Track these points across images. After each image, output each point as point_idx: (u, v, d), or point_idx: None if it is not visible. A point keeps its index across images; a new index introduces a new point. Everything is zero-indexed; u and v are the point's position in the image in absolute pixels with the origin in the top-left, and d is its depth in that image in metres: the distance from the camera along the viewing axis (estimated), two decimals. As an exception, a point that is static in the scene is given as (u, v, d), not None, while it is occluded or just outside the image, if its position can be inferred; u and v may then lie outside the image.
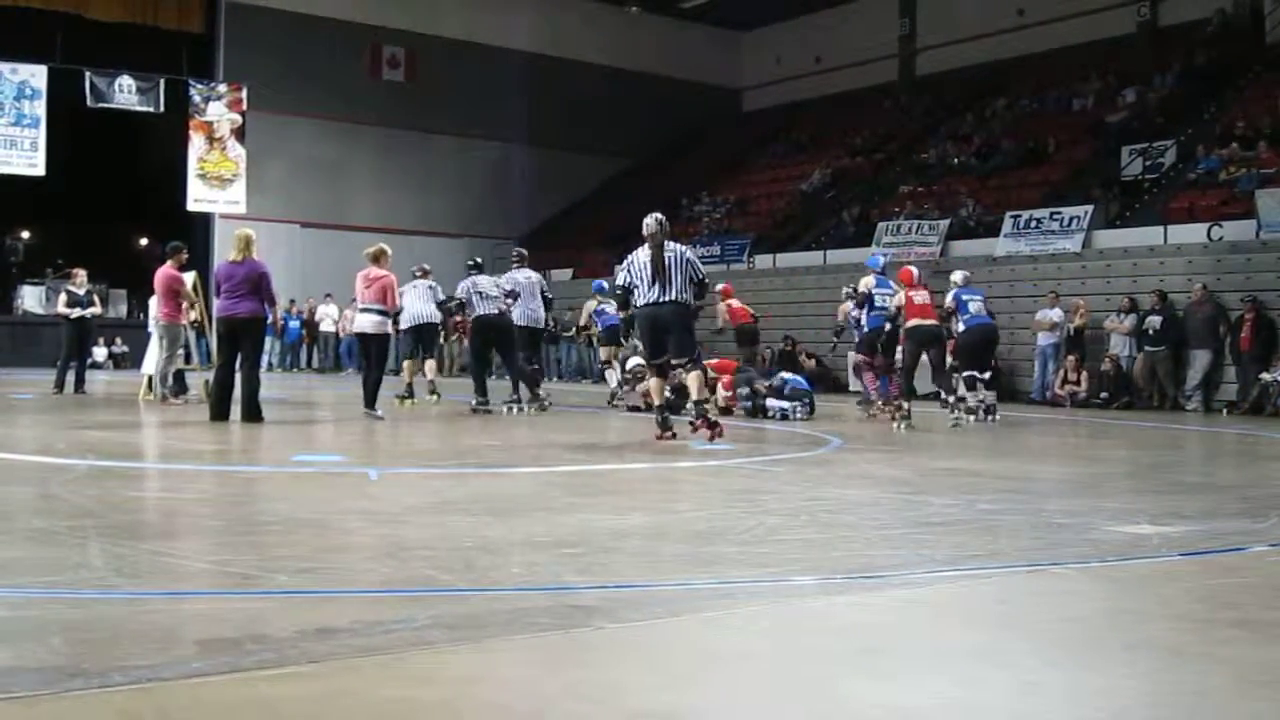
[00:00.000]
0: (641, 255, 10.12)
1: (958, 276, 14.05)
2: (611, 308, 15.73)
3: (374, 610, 3.54)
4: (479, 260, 14.97)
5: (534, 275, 14.93)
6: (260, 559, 4.31)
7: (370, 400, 12.23)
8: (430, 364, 16.19)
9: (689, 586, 4.02)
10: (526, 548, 4.62)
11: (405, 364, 15.78)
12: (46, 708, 2.57)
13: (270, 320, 11.55)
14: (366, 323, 12.71)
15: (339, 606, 3.59)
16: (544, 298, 14.76)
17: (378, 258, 13.00)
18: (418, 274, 15.41)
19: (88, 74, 27.96)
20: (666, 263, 9.95)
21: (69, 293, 16.57)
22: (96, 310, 16.98)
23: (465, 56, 32.76)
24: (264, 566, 4.16)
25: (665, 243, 10.06)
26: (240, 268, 11.10)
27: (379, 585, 3.90)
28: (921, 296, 12.89)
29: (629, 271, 10.27)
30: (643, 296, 10.10)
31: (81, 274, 17.09)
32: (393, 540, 4.77)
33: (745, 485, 7.18)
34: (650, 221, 10.11)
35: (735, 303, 16.63)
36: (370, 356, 12.79)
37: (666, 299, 9.96)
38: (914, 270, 13.49)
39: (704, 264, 11.48)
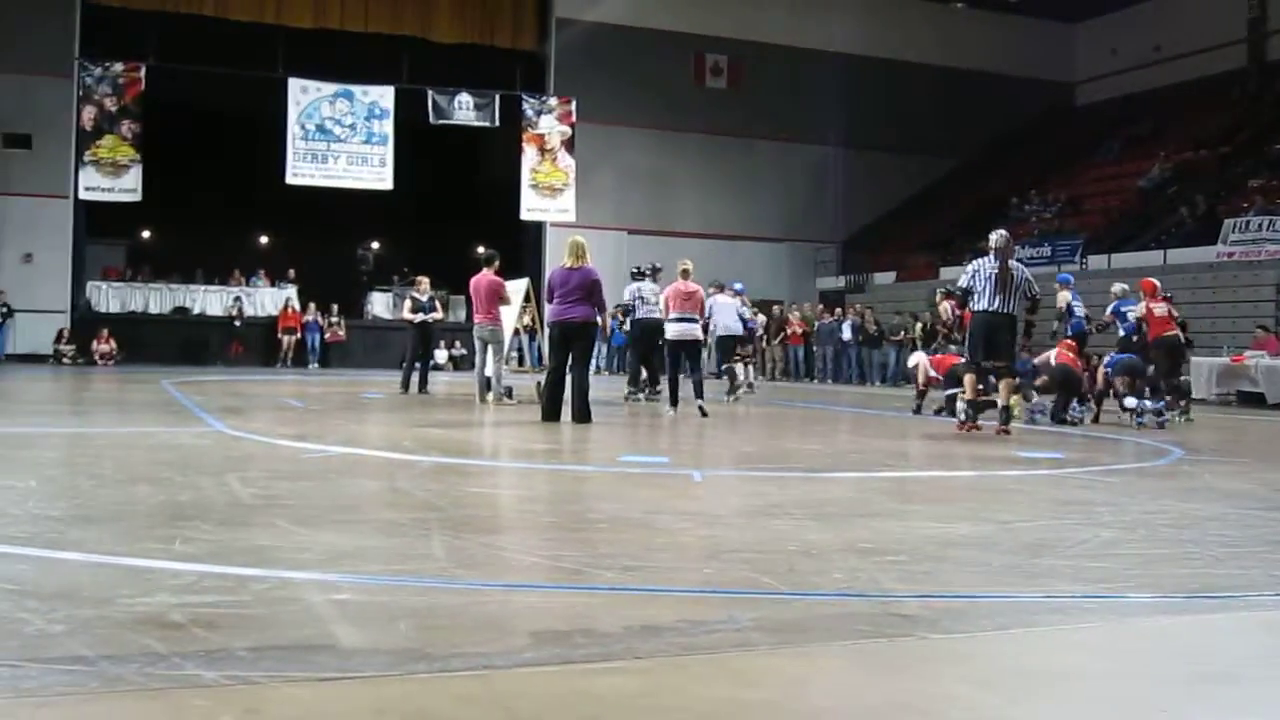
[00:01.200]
0: (988, 266, 11.18)
1: (1117, 289, 14.97)
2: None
3: (698, 609, 3.57)
4: (643, 268, 16.10)
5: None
6: (589, 555, 4.43)
7: (698, 393, 13.34)
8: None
9: (1017, 600, 3.87)
10: (849, 553, 4.57)
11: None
12: (393, 689, 2.72)
13: (600, 325, 11.95)
14: (684, 331, 13.60)
15: (664, 605, 3.65)
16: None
17: (687, 273, 13.89)
18: (713, 291, 16.23)
19: (430, 93, 29.74)
20: (1012, 277, 11.13)
21: (413, 299, 17.55)
22: (438, 315, 17.90)
23: (787, 61, 32.85)
24: (592, 563, 4.27)
25: (1010, 260, 11.27)
26: (574, 274, 11.49)
27: (703, 585, 3.94)
28: (1161, 309, 13.70)
29: (973, 278, 11.29)
30: (982, 303, 11.17)
31: (425, 281, 18.06)
32: (716, 541, 4.81)
33: (1077, 496, 6.86)
34: (998, 236, 11.33)
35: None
36: (693, 360, 13.72)
37: (1005, 310, 11.13)
38: (1156, 282, 14.37)
39: (1032, 265, 12.64)
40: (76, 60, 28.11)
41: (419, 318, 17.07)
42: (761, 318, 27.24)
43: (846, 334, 27.34)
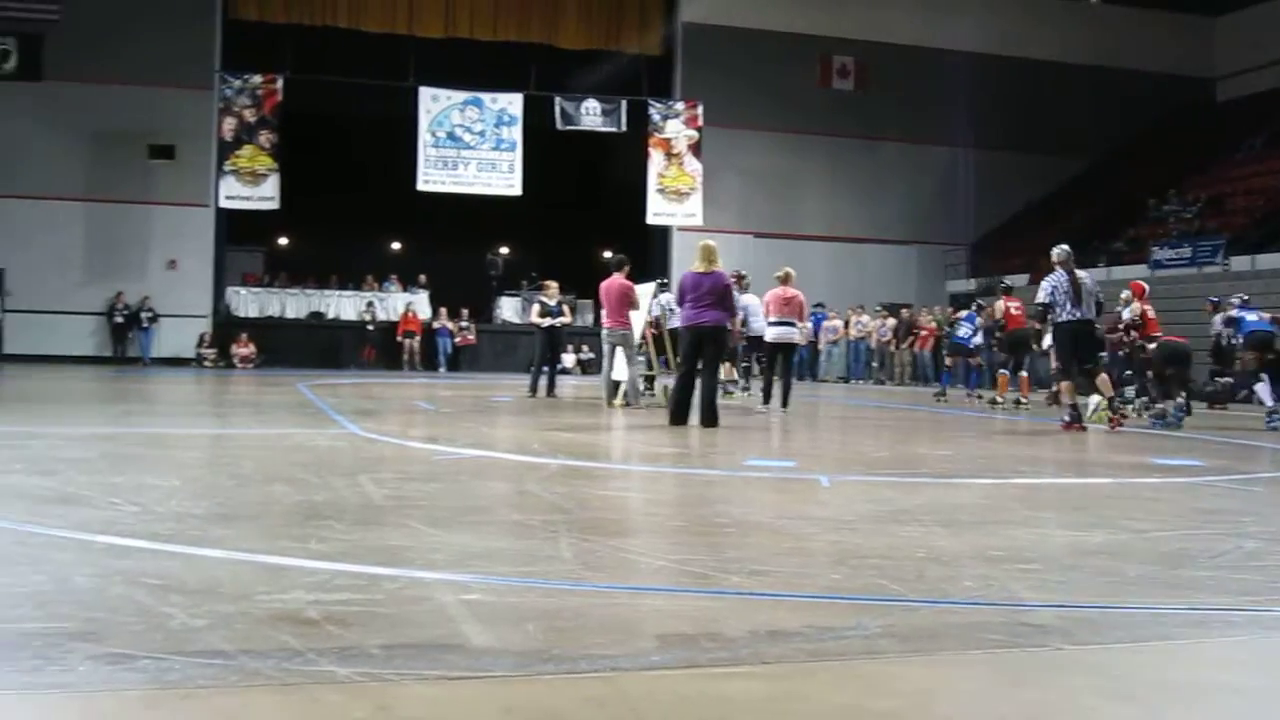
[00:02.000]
0: (1064, 280, 12.15)
1: (1236, 300, 16.06)
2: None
3: (825, 615, 3.54)
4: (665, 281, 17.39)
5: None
6: (716, 559, 4.42)
7: (784, 401, 14.19)
8: None
9: (1155, 611, 3.76)
10: (979, 561, 4.49)
11: None
12: (521, 689, 2.75)
13: (730, 329, 11.96)
14: (783, 334, 14.45)
15: (791, 610, 3.63)
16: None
17: (787, 279, 14.54)
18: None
19: (557, 99, 30.02)
20: (1084, 286, 12.13)
21: (541, 303, 17.70)
22: (566, 319, 18.03)
23: (913, 61, 32.44)
24: (719, 567, 4.27)
25: (1076, 270, 12.28)
26: (706, 278, 11.49)
27: (830, 591, 3.90)
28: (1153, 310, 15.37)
29: (1053, 293, 12.18)
30: (1065, 314, 12.10)
31: (553, 286, 18.20)
32: (844, 547, 4.77)
33: (1218, 504, 6.64)
34: (1060, 251, 12.31)
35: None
36: (786, 362, 14.72)
37: (1086, 317, 12.14)
38: (1145, 284, 16.07)
39: (1173, 267, 13.72)
40: (217, 73, 29.02)
41: (547, 322, 17.22)
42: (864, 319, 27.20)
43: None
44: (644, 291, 15.54)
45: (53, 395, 15.62)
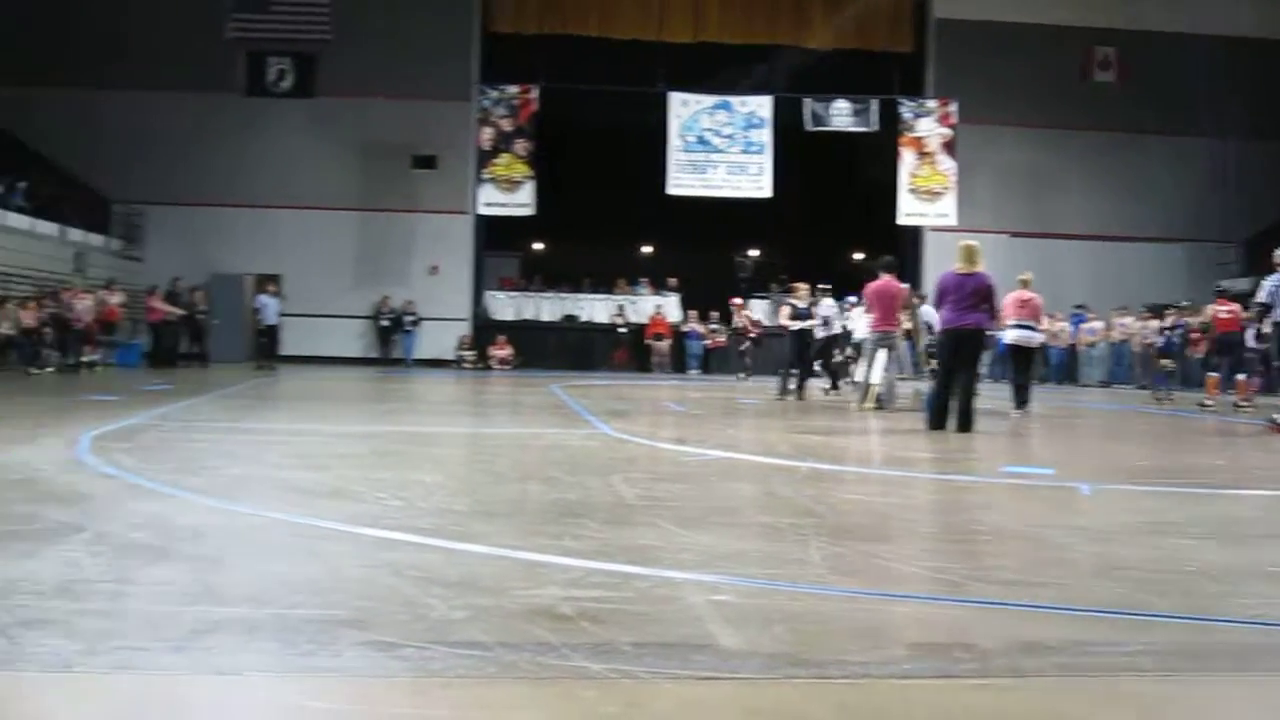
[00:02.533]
0: None
1: None
2: None
3: (1085, 630, 3.41)
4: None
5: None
6: (970, 568, 4.31)
7: (1023, 402, 13.94)
8: None
9: None
10: (1256, 578, 4.23)
11: None
12: (770, 692, 2.75)
13: (990, 333, 11.65)
14: (1023, 337, 14.42)
15: (1048, 623, 3.50)
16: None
17: (1026, 283, 14.63)
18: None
19: (807, 100, 29.86)
20: None
21: (791, 305, 17.65)
22: (815, 322, 17.91)
23: (1179, 49, 30.79)
24: (973, 575, 4.16)
25: None
26: (969, 279, 11.20)
27: (1090, 605, 3.74)
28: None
29: (1272, 294, 12.02)
30: None
31: (803, 288, 18.10)
32: (1105, 559, 4.57)
33: None
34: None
35: None
36: (1029, 366, 14.68)
37: None
38: None
39: None
40: (475, 85, 30.05)
41: (796, 325, 17.15)
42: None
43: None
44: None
45: (324, 394, 16.49)
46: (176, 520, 4.90)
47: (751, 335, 26.19)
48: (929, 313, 16.10)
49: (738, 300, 28.04)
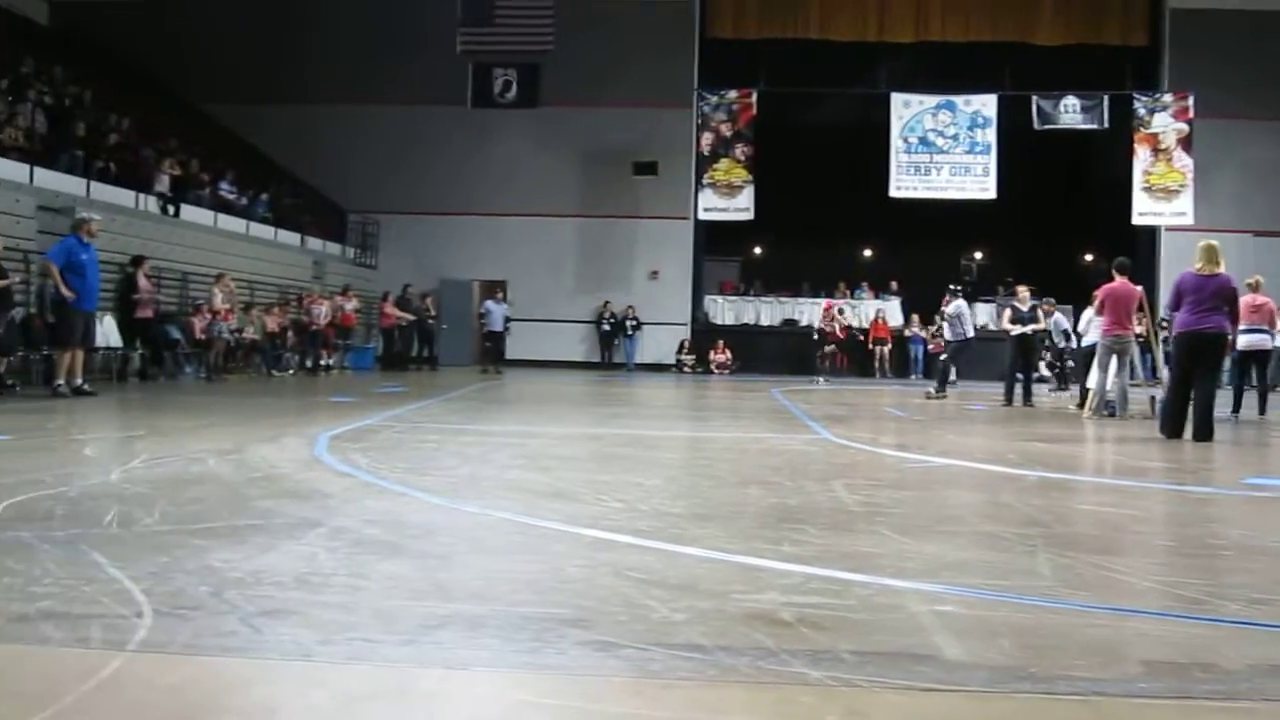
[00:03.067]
0: None
1: None
2: None
3: (1340, 652, 3.20)
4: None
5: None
6: (1211, 584, 4.11)
7: (1261, 408, 14.17)
8: None
9: None
10: None
11: None
12: (996, 706, 2.67)
13: (1230, 335, 11.09)
14: (1255, 341, 14.20)
15: (1298, 644, 3.31)
16: None
17: (1257, 287, 14.31)
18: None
19: (1034, 98, 28.98)
20: None
21: (1013, 309, 17.20)
22: (1039, 326, 17.40)
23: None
24: (1215, 592, 3.96)
25: None
26: (1210, 281, 10.67)
27: (1346, 625, 3.52)
28: None
29: None
30: None
31: (1025, 291, 17.60)
32: (1362, 577, 4.29)
33: None
34: None
35: None
36: (1261, 370, 14.58)
37: None
38: None
39: None
40: (695, 91, 30.25)
41: (1018, 329, 16.70)
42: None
43: None
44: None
45: (547, 398, 16.85)
46: (407, 517, 5.09)
47: (838, 338, 25.69)
48: (1060, 321, 15.77)
49: (829, 301, 27.55)
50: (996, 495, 6.52)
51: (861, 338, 28.91)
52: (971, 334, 18.45)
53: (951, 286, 18.95)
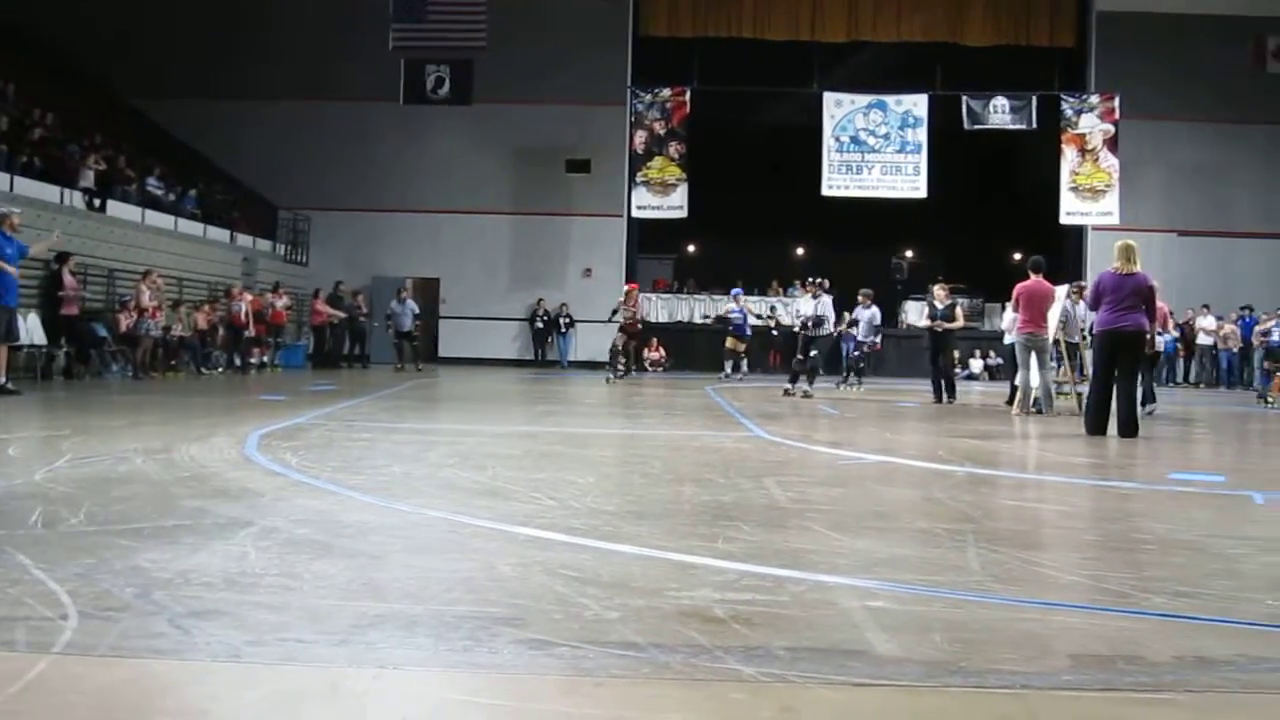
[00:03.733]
0: None
1: None
2: None
3: (1260, 644, 3.27)
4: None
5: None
6: (1135, 578, 4.18)
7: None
8: None
9: None
10: None
11: None
12: (927, 701, 2.70)
13: (1149, 334, 11.26)
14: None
15: (1220, 636, 3.37)
16: None
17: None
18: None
19: (964, 98, 29.32)
20: None
21: (930, 306, 17.40)
22: (951, 324, 17.20)
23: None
24: (1139, 586, 4.03)
25: None
26: (1128, 279, 10.88)
27: (1266, 619, 3.59)
28: None
29: None
30: None
31: (941, 289, 17.64)
32: (1281, 570, 4.39)
33: None
34: None
35: None
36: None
37: None
38: None
39: None
40: (629, 88, 30.27)
41: (925, 324, 17.10)
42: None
43: None
44: (1057, 295, 14.92)
45: (482, 396, 16.78)
46: (339, 517, 5.04)
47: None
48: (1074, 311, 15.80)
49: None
50: (927, 491, 6.59)
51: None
52: (832, 331, 19.05)
53: (814, 280, 19.04)
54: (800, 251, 38.68)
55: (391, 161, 29.93)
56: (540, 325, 29.97)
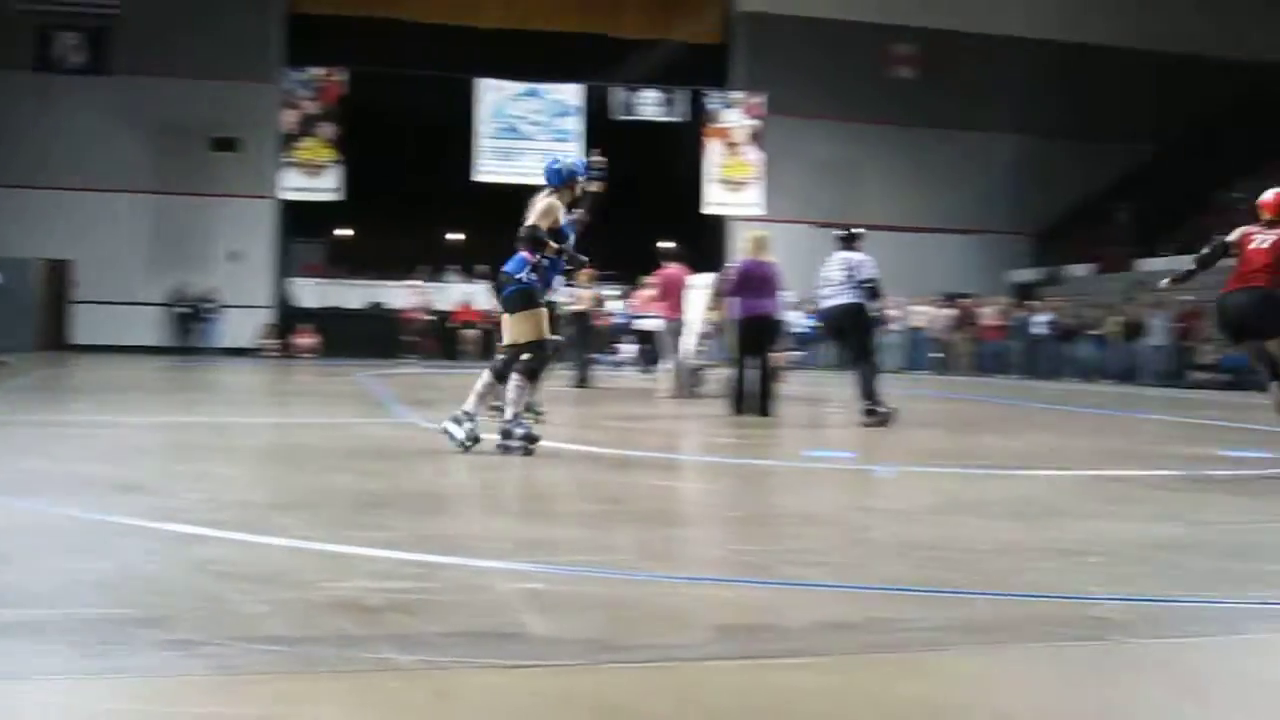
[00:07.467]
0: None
1: None
2: None
3: (886, 607, 3.51)
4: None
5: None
6: (774, 550, 4.40)
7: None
8: None
9: (1221, 605, 3.68)
10: (1043, 554, 4.43)
11: None
12: (581, 678, 2.75)
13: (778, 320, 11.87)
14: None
15: (852, 601, 3.60)
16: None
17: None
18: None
19: (616, 89, 30.00)
20: None
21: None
22: (580, 307, 17.46)
23: (977, 48, 31.99)
24: (778, 558, 4.25)
25: None
26: (760, 267, 11.47)
27: (891, 583, 3.85)
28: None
29: None
30: None
31: (582, 275, 17.92)
32: (904, 539, 4.72)
33: (1291, 497, 6.51)
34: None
35: None
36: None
37: None
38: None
39: None
40: (279, 67, 29.28)
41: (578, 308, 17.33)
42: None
43: (1040, 328, 26.52)
44: (703, 283, 15.46)
45: (119, 385, 15.84)
46: (-45, 517, 4.65)
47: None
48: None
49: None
50: (578, 473, 6.72)
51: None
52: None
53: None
54: (460, 237, 38.52)
55: (21, 134, 27.67)
56: (184, 310, 28.56)
